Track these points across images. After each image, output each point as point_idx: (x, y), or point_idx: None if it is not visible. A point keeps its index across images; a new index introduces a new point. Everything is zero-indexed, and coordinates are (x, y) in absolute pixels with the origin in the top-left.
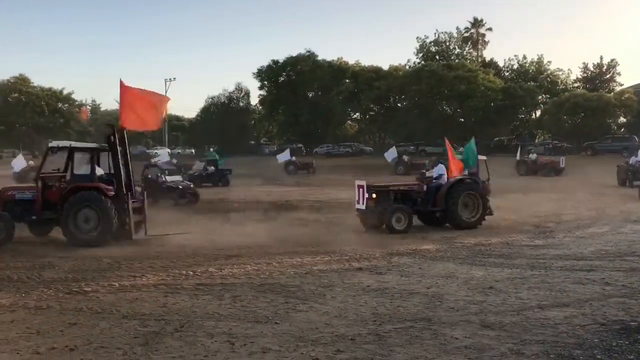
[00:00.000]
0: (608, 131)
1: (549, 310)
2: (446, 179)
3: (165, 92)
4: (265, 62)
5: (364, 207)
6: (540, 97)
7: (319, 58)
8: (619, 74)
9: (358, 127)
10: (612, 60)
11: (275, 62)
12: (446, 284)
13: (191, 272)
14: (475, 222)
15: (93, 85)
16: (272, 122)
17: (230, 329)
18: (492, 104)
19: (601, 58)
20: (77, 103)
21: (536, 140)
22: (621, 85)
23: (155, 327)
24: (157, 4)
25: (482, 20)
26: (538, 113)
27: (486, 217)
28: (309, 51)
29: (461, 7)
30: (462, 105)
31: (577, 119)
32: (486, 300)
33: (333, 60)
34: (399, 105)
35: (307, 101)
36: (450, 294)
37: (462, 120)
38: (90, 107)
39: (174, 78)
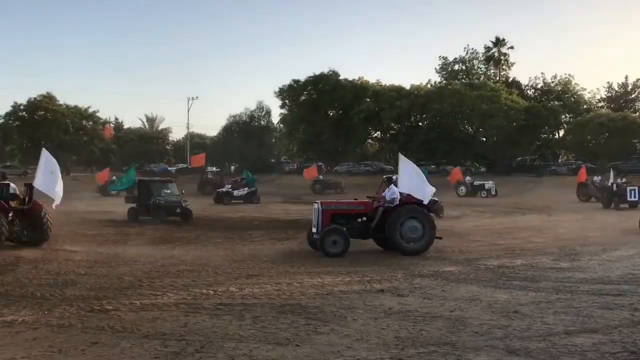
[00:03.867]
0: (633, 151)
1: (576, 337)
2: None
3: (188, 111)
4: (286, 81)
5: None
6: (563, 116)
7: (341, 77)
8: None
9: (379, 146)
10: (637, 80)
11: (296, 81)
12: (469, 307)
13: (212, 291)
14: None
15: (116, 103)
16: (293, 140)
17: (251, 351)
18: (514, 124)
19: (626, 78)
20: (101, 121)
21: (559, 160)
22: None
23: (176, 348)
24: (183, 24)
25: (504, 40)
26: (561, 133)
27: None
28: (332, 70)
29: (483, 26)
30: (483, 124)
31: (601, 139)
32: (511, 325)
33: (354, 79)
34: (420, 124)
35: (328, 120)
36: (474, 318)
37: (484, 139)
38: (113, 125)
39: (197, 97)
